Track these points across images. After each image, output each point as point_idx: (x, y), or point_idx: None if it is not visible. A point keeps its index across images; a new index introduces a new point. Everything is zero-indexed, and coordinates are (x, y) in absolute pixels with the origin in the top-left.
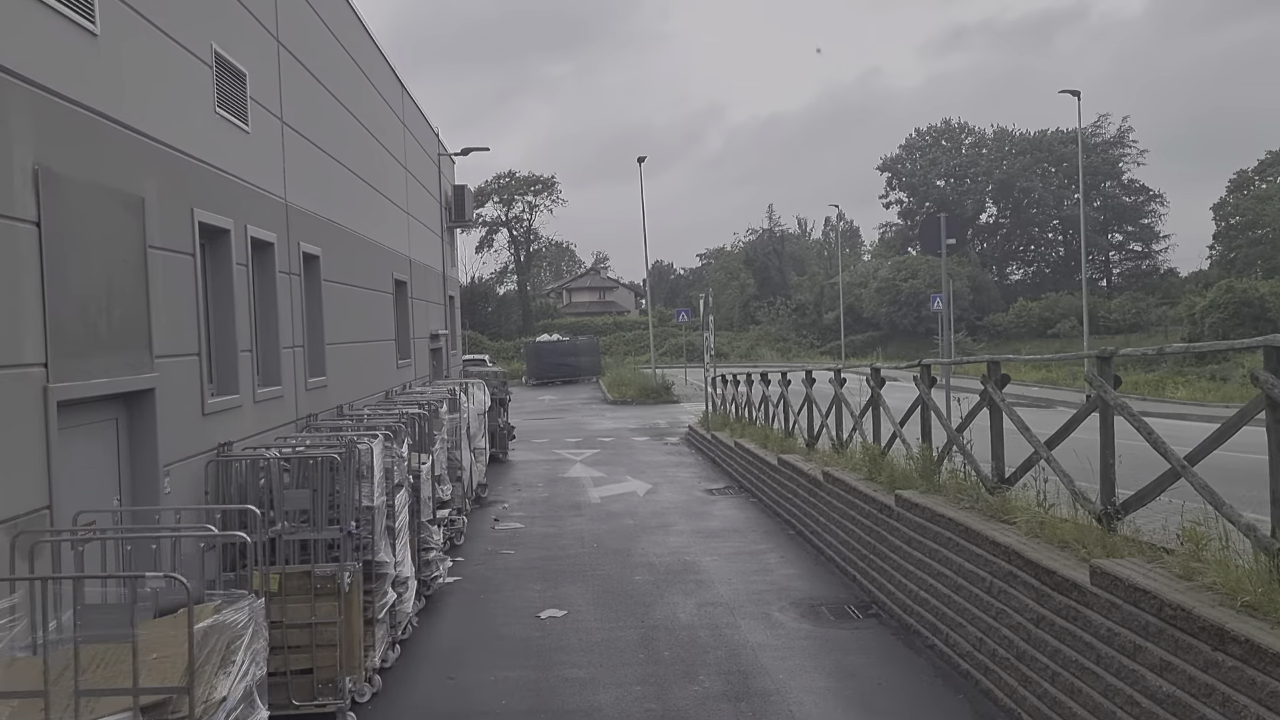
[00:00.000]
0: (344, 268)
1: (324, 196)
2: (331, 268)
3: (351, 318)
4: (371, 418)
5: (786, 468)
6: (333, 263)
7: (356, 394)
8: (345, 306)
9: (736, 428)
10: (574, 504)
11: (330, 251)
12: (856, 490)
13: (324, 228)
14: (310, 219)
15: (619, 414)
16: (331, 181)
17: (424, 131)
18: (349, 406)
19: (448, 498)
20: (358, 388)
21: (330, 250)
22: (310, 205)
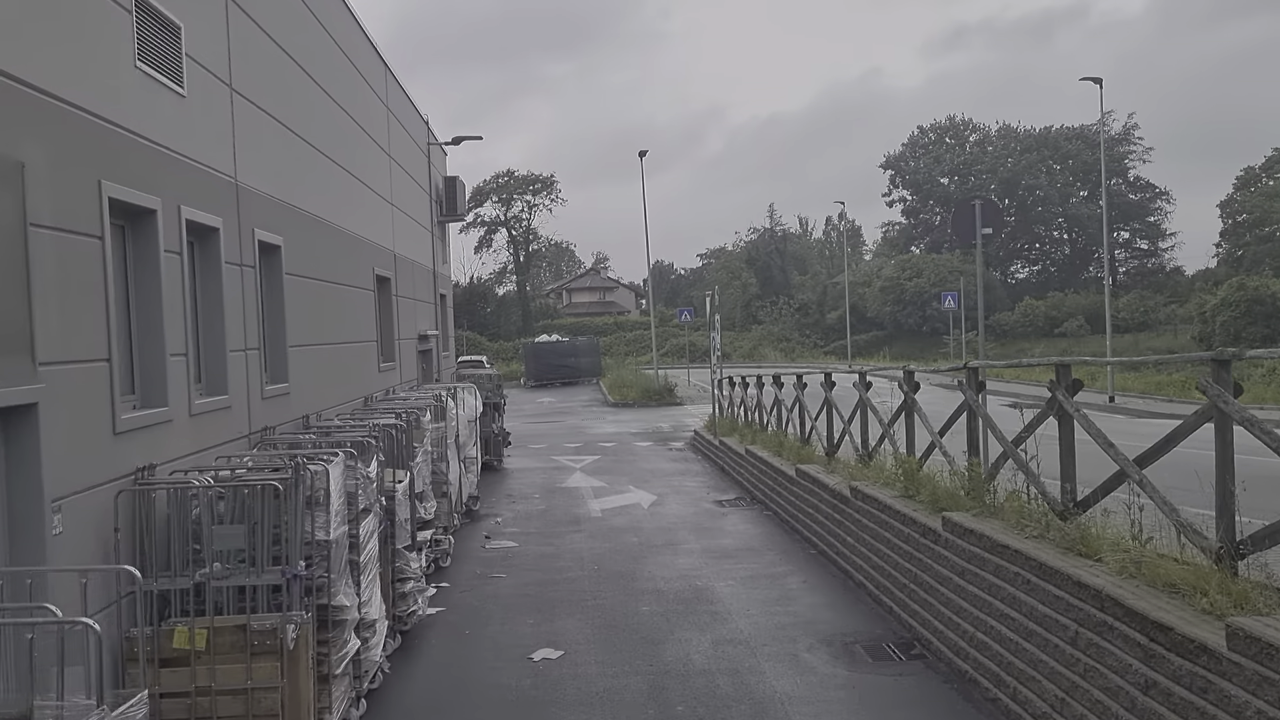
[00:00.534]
0: (313, 260)
1: (287, 179)
2: (296, 260)
3: (322, 316)
4: (340, 430)
5: (806, 480)
6: (298, 254)
7: (328, 402)
8: (314, 304)
9: (746, 433)
10: (573, 518)
11: (295, 241)
12: (892, 509)
13: (287, 214)
14: (268, 203)
15: (620, 417)
16: (297, 163)
17: (411, 118)
18: (317, 416)
19: (430, 517)
20: (330, 394)
21: (295, 240)
22: (268, 187)
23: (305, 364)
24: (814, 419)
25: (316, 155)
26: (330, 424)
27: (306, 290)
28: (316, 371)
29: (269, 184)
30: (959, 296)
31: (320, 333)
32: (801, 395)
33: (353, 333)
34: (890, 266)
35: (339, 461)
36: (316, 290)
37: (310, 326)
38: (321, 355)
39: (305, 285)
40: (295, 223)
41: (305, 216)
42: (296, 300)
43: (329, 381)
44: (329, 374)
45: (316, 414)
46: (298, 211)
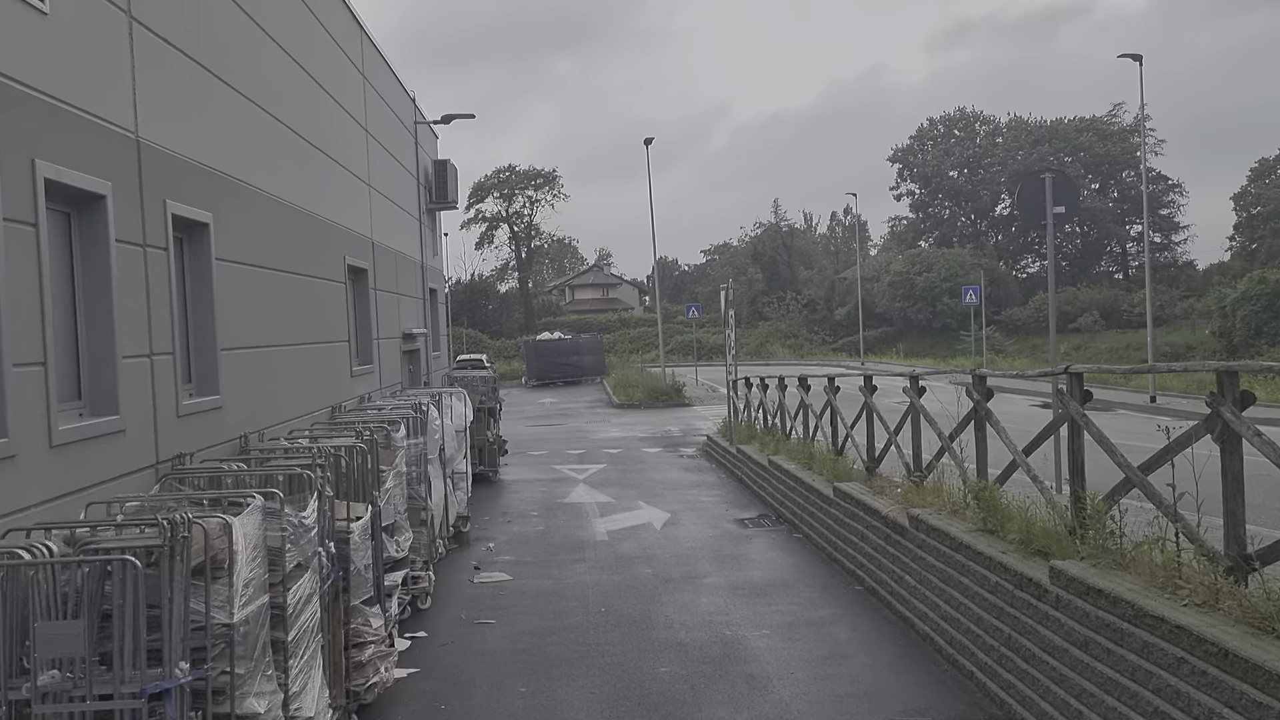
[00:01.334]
0: (258, 244)
1: (220, 142)
2: (233, 242)
3: (272, 313)
4: (282, 456)
5: (846, 501)
6: (236, 236)
7: (280, 416)
8: (260, 297)
9: (768, 441)
10: (576, 542)
11: (231, 220)
12: (970, 549)
13: (218, 186)
14: (189, 169)
15: (626, 419)
16: (235, 125)
17: (395, 93)
18: (260, 436)
19: (403, 554)
20: (282, 407)
21: (231, 218)
22: (190, 149)
23: (245, 371)
24: (849, 427)
25: (266, 120)
26: (275, 446)
27: (248, 281)
28: (262, 380)
29: (191, 145)
30: (980, 291)
31: (269, 332)
32: (834, 399)
33: (316, 332)
34: (899, 261)
35: (252, 510)
36: (264, 281)
37: (254, 325)
38: (270, 360)
39: (246, 275)
40: (231, 197)
41: (247, 191)
42: (233, 292)
43: (281, 391)
44: (281, 382)
45: (260, 433)
46: (235, 184)
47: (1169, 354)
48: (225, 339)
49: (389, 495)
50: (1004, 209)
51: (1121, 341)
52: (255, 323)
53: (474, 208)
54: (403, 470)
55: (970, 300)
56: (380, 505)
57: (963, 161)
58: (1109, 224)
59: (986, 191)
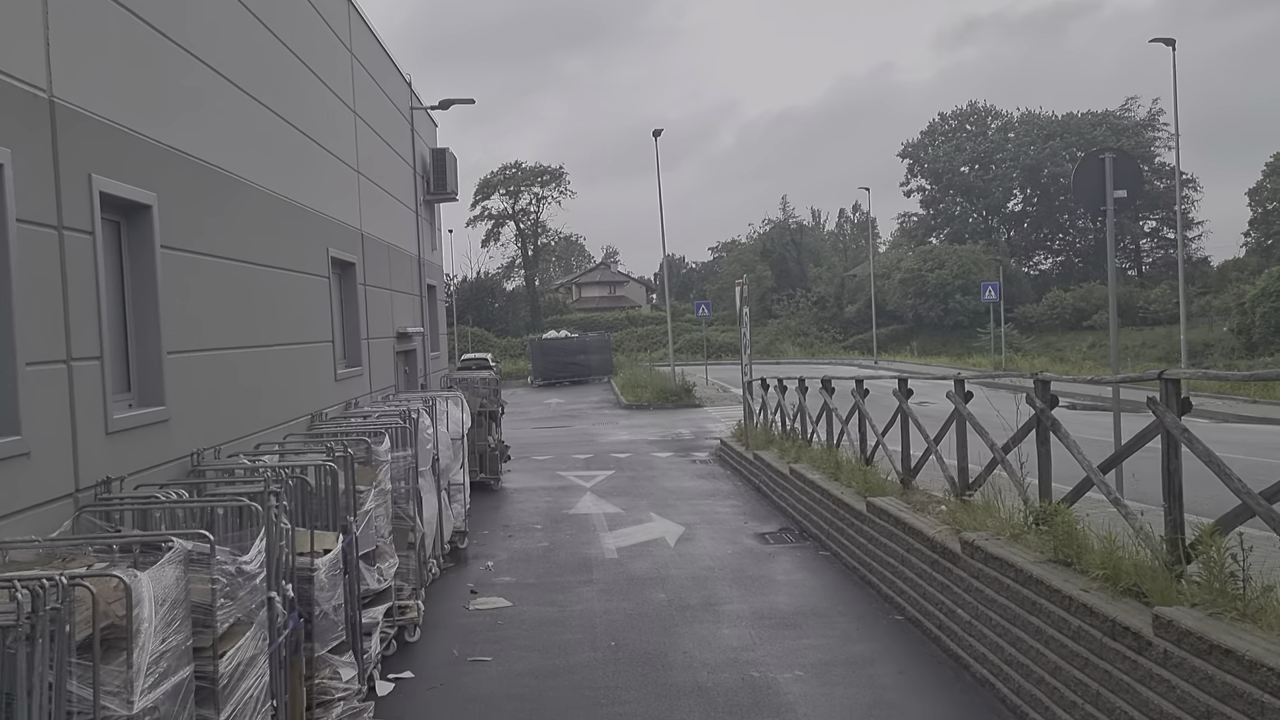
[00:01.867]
0: (218, 232)
1: (167, 110)
2: (184, 228)
3: (237, 309)
4: (245, 475)
5: (882, 518)
6: (188, 221)
7: (244, 428)
8: (220, 292)
9: (788, 447)
10: (582, 561)
11: (180, 202)
12: (1042, 584)
13: (164, 162)
14: (126, 141)
15: (635, 421)
16: (187, 91)
17: (388, 75)
18: (218, 452)
19: (384, 584)
20: (247, 417)
21: (180, 200)
22: (123, 116)
23: (200, 377)
24: (881, 434)
25: (228, 90)
26: (233, 466)
27: (206, 274)
28: (222, 387)
29: (125, 111)
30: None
31: (232, 333)
32: (862, 403)
33: (292, 331)
34: (910, 258)
35: (169, 561)
36: (226, 274)
37: (212, 324)
38: (233, 364)
39: (202, 267)
40: (181, 175)
41: (203, 170)
42: (185, 287)
43: (246, 400)
44: (247, 389)
45: (217, 449)
46: (187, 160)
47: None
48: (174, 341)
49: (369, 519)
50: (1016, 205)
51: (1138, 339)
52: (214, 322)
53: (480, 205)
54: (387, 488)
55: (990, 297)
56: (357, 532)
57: (974, 157)
58: (1122, 219)
59: (999, 187)
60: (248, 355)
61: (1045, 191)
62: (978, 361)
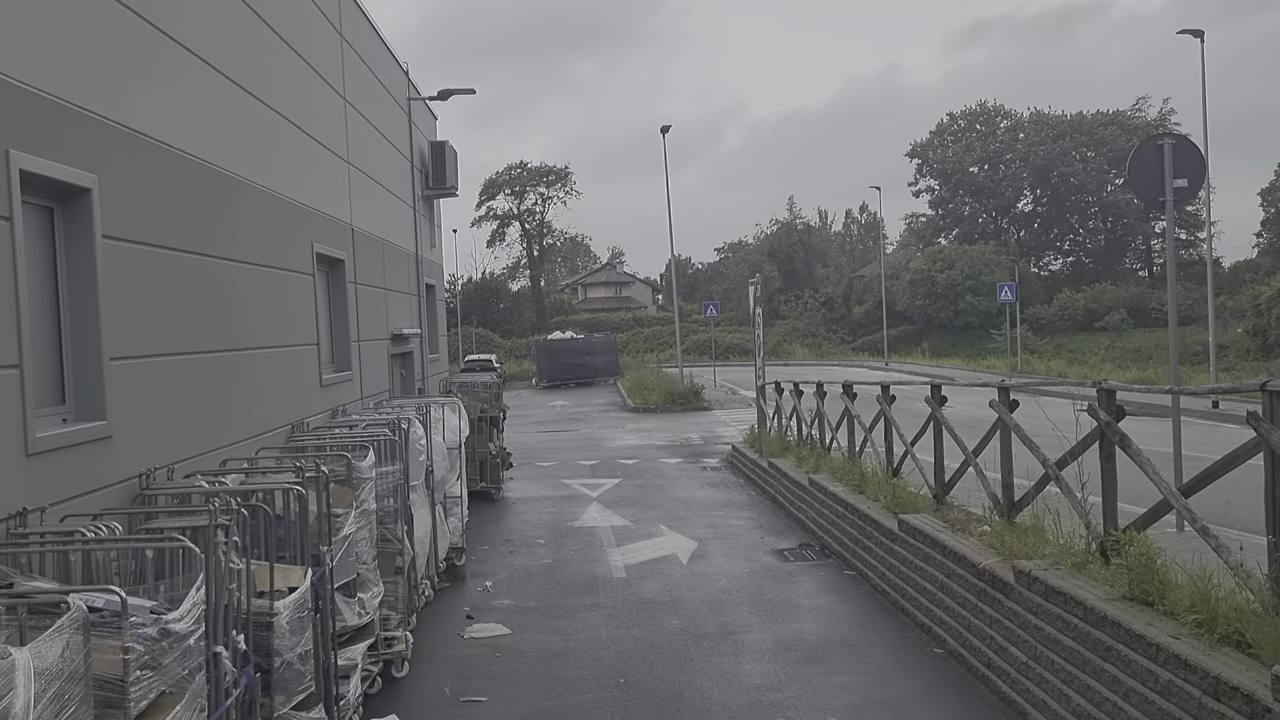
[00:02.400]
0: (177, 221)
1: (112, 80)
2: (134, 217)
3: (199, 310)
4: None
5: (916, 538)
6: (139, 209)
7: (207, 443)
8: (180, 290)
9: (806, 456)
10: (588, 580)
11: (130, 187)
12: (1119, 627)
13: (107, 139)
14: (57, 113)
15: (642, 425)
16: (138, 59)
17: (383, 61)
18: (171, 473)
19: (366, 618)
20: (212, 431)
21: (130, 184)
22: (57, 85)
23: (152, 386)
24: (910, 444)
25: (192, 63)
26: (188, 489)
27: (161, 269)
28: (180, 397)
29: (57, 80)
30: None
31: (194, 335)
32: (889, 410)
33: (270, 333)
34: (920, 258)
35: (53, 636)
36: (187, 270)
37: (169, 325)
38: (195, 370)
39: (157, 261)
40: (129, 155)
41: (156, 150)
42: (133, 283)
43: (213, 410)
44: (214, 399)
45: (170, 470)
46: (136, 139)
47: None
48: (119, 345)
49: (348, 545)
50: (1025, 205)
51: (1150, 340)
52: (171, 323)
53: (485, 205)
54: (370, 508)
55: (1006, 297)
56: (332, 563)
57: (983, 157)
58: (1134, 220)
59: (1009, 187)
60: (214, 361)
61: (1055, 191)
62: (992, 364)
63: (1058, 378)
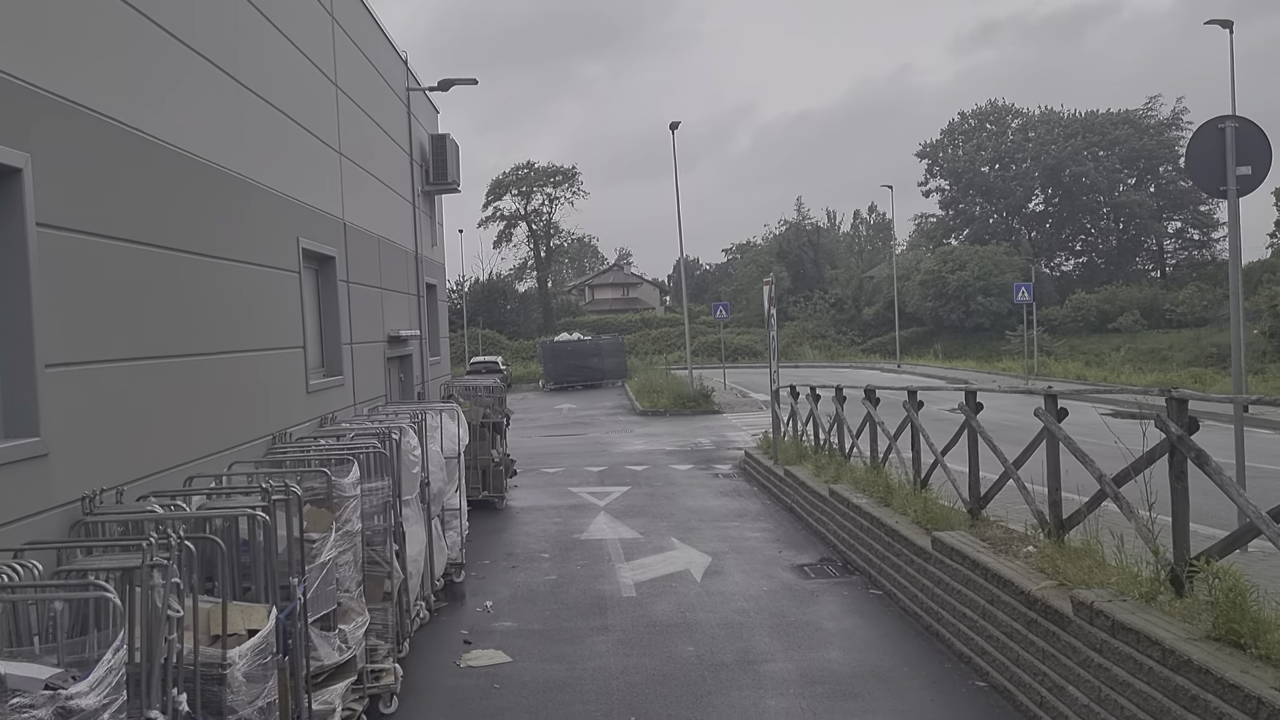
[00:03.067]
0: (130, 209)
1: (46, 45)
2: (77, 202)
3: (159, 309)
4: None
5: (954, 559)
6: (83, 192)
7: (169, 458)
8: (135, 286)
9: (825, 464)
10: (596, 600)
11: (72, 168)
12: (1209, 675)
13: (43, 113)
14: None
15: (651, 429)
16: (79, 23)
17: (380, 50)
18: (120, 495)
19: (347, 654)
20: (174, 445)
21: (70, 165)
22: None
23: (101, 397)
24: (941, 454)
25: (149, 31)
26: (142, 513)
27: (110, 262)
28: (136, 408)
29: None
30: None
31: (153, 337)
32: (916, 417)
33: (248, 336)
34: (930, 259)
35: None
36: (144, 265)
37: (122, 326)
38: (155, 377)
39: (105, 252)
40: (71, 133)
41: (105, 128)
42: (75, 278)
43: (176, 423)
44: (176, 409)
45: (118, 491)
46: (79, 113)
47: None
48: (57, 350)
49: (326, 572)
50: (1037, 205)
51: (1164, 342)
52: (127, 324)
53: (492, 205)
54: (355, 528)
55: (1023, 298)
56: (304, 596)
57: (995, 156)
58: (1146, 220)
59: (1020, 187)
60: (180, 367)
61: (1067, 191)
62: (1007, 366)
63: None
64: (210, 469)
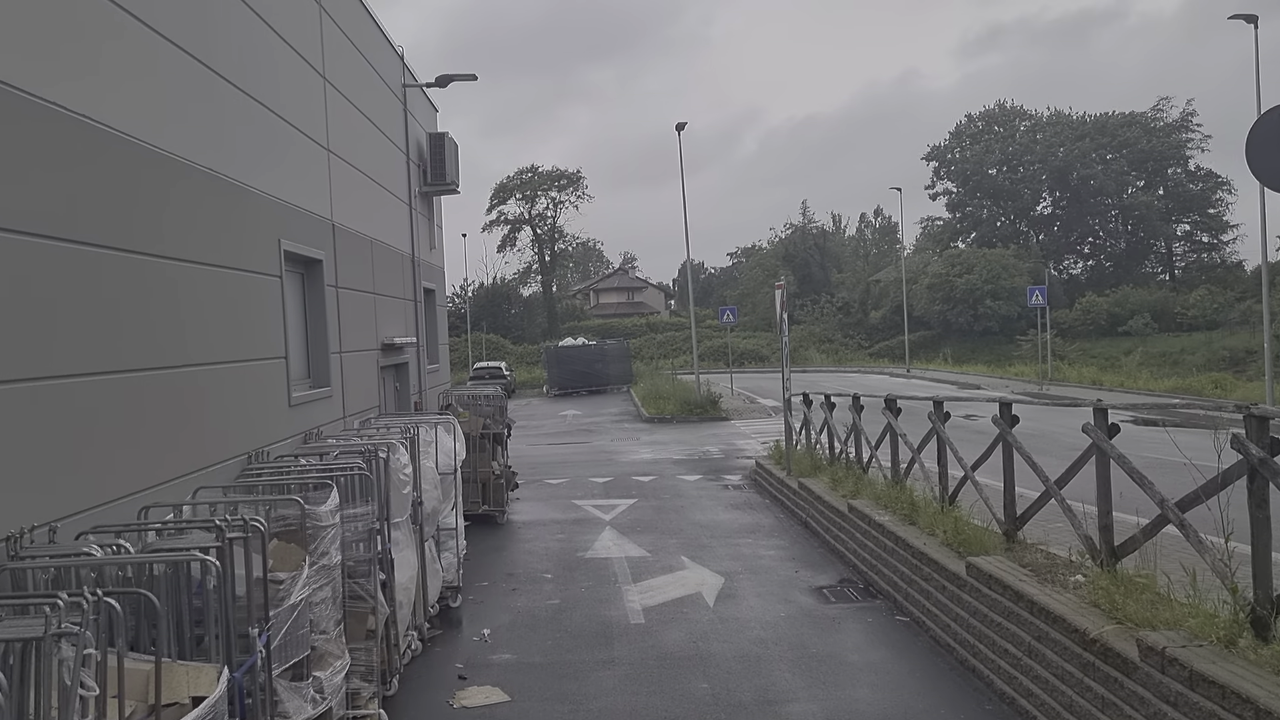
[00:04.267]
0: (77, 204)
1: None
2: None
3: (107, 317)
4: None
5: (993, 588)
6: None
7: (122, 486)
8: (77, 292)
9: (842, 478)
10: (601, 628)
11: None
12: None
13: None
14: None
15: (657, 437)
16: None
17: (374, 42)
18: (53, 534)
19: (322, 706)
20: (128, 472)
21: None
22: None
23: (33, 419)
24: (972, 469)
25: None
26: (78, 556)
27: (48, 265)
28: (82, 430)
29: None
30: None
31: (106, 350)
32: (943, 429)
33: (222, 346)
34: (938, 262)
35: None
36: (94, 267)
37: (63, 337)
38: (109, 394)
39: (44, 255)
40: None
41: (38, 112)
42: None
43: (135, 444)
44: (136, 429)
45: (52, 529)
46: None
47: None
48: None
49: (298, 614)
50: (1045, 208)
51: (1176, 345)
52: (69, 335)
53: (496, 209)
54: (333, 561)
55: (1036, 301)
56: (267, 649)
57: (1002, 159)
58: (1155, 222)
59: (1028, 189)
60: (136, 382)
61: (1075, 194)
62: (1020, 370)
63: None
64: (171, 496)
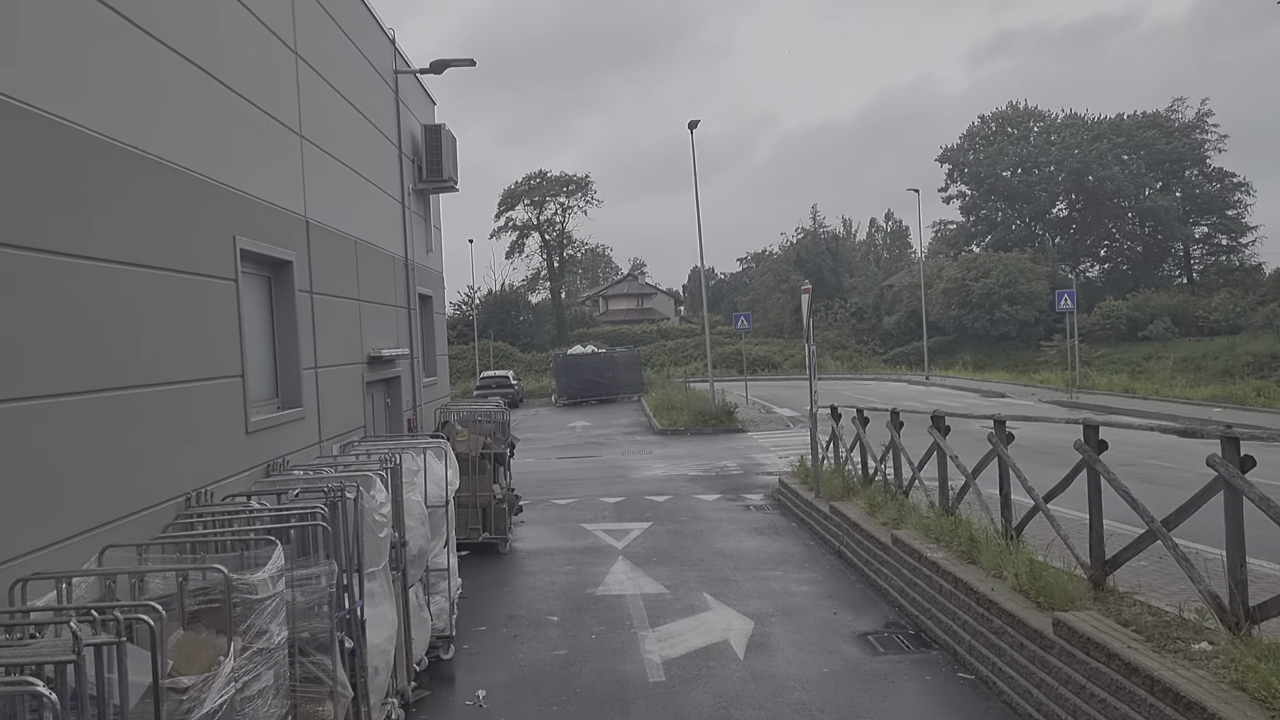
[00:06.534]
0: None
1: None
2: None
3: None
4: None
5: (1093, 654)
6: None
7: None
8: None
9: (880, 503)
10: (616, 686)
11: None
12: None
13: None
14: None
15: (671, 450)
16: None
17: (357, 19)
18: None
19: None
20: (10, 530)
21: None
22: None
23: None
24: (1044, 500)
25: None
26: None
27: None
28: None
29: None
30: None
31: None
32: (1005, 451)
33: (153, 364)
34: (953, 266)
35: None
36: None
37: None
38: None
39: None
40: None
41: None
42: None
43: (14, 496)
44: (14, 474)
45: None
46: None
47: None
48: None
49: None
50: (1060, 210)
51: (1198, 350)
52: None
53: (504, 215)
54: (276, 640)
55: (1065, 305)
56: None
57: (1017, 161)
58: (1174, 225)
59: (1044, 192)
60: (12, 416)
61: (1092, 196)
62: (1045, 378)
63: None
64: (67, 559)
